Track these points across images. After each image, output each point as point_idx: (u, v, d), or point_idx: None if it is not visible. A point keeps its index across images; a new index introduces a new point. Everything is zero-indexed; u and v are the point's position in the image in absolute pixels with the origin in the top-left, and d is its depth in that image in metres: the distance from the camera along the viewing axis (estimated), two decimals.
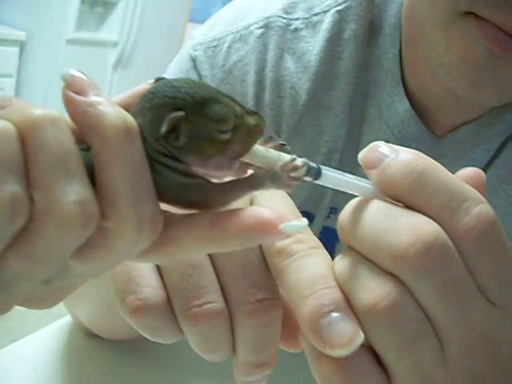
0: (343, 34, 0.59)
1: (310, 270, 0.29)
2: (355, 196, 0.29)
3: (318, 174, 0.27)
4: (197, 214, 0.26)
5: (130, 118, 0.24)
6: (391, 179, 0.28)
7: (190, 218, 0.25)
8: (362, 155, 0.29)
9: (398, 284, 0.26)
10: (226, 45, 0.61)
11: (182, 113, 0.24)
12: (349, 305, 0.27)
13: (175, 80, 0.26)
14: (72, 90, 0.24)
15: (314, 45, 0.59)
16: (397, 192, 0.28)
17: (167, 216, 0.26)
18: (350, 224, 0.28)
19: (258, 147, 0.27)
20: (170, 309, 0.30)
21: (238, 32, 0.61)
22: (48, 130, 0.22)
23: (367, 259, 0.28)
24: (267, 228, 0.24)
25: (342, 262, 0.29)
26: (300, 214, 0.33)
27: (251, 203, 0.33)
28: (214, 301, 0.30)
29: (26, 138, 0.22)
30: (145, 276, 0.31)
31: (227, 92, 0.26)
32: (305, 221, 0.26)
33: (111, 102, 0.24)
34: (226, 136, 0.25)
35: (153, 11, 2.98)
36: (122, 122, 0.23)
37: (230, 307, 0.31)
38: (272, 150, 0.28)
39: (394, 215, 0.27)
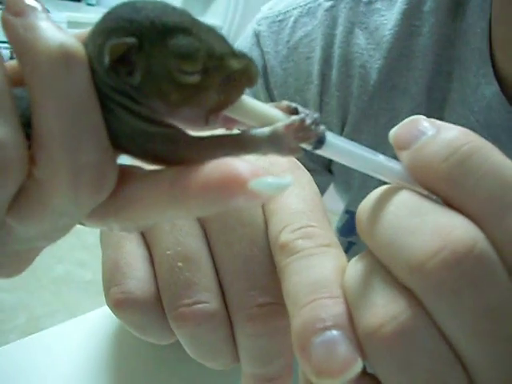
0: (423, 6, 0.52)
1: (314, 272, 0.23)
2: None
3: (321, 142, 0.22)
4: (159, 170, 0.21)
5: (72, 45, 0.19)
6: (426, 162, 0.21)
7: (151, 175, 0.21)
8: (393, 132, 0.23)
9: (412, 304, 0.20)
10: (292, 19, 0.56)
11: (132, 40, 0.19)
12: (352, 322, 0.22)
13: (142, 1, 0.20)
14: (12, 11, 0.20)
15: (388, 18, 0.52)
16: (432, 179, 0.21)
17: (129, 172, 0.21)
18: (369, 217, 0.22)
19: (250, 100, 0.22)
20: (158, 305, 0.26)
21: (305, 5, 0.56)
22: None
23: (382, 265, 0.22)
24: (234, 185, 0.18)
25: (354, 267, 0.23)
26: (324, 210, 0.27)
27: None
28: (206, 301, 0.26)
29: None
30: (132, 265, 0.27)
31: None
32: (287, 179, 0.19)
33: (55, 25, 0.20)
34: (193, 79, 0.20)
35: None
36: (60, 48, 0.19)
37: (229, 310, 0.26)
38: (270, 106, 0.22)
39: (421, 211, 0.21)
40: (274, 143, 0.21)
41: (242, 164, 0.19)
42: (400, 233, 0.21)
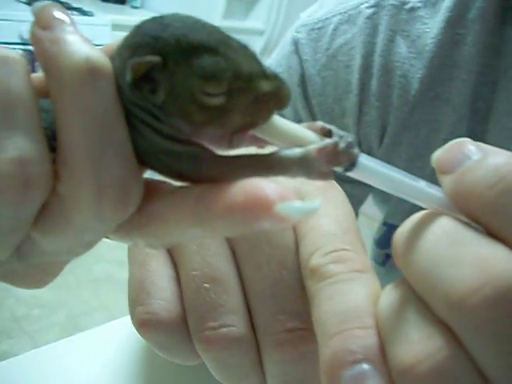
0: (468, 14, 0.50)
1: (346, 300, 0.22)
2: None
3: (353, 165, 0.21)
4: (185, 188, 0.20)
5: (99, 59, 0.19)
6: (470, 189, 0.20)
7: (176, 192, 0.20)
8: (436, 155, 0.22)
9: (450, 341, 0.19)
10: (331, 26, 0.54)
11: (155, 58, 0.19)
12: (384, 356, 0.20)
13: (171, 16, 0.20)
14: (40, 25, 0.20)
15: (431, 26, 0.51)
16: (476, 208, 0.20)
17: (156, 188, 0.21)
18: (405, 244, 0.21)
19: (281, 120, 0.21)
20: (184, 327, 0.26)
21: (346, 12, 0.54)
22: None
23: (418, 297, 0.20)
24: (259, 208, 0.18)
25: (388, 296, 0.22)
26: (357, 231, 0.26)
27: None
28: (232, 324, 0.25)
29: None
30: (158, 285, 0.26)
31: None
32: (316, 203, 0.18)
33: (82, 38, 0.19)
34: (217, 100, 0.19)
35: (300, 1, 2.93)
36: (85, 63, 0.19)
37: (256, 334, 0.26)
38: (302, 127, 0.21)
39: (462, 241, 0.20)
40: (305, 166, 0.20)
41: (269, 186, 0.18)
42: (438, 263, 0.19)
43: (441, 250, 0.20)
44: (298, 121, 0.57)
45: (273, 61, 0.60)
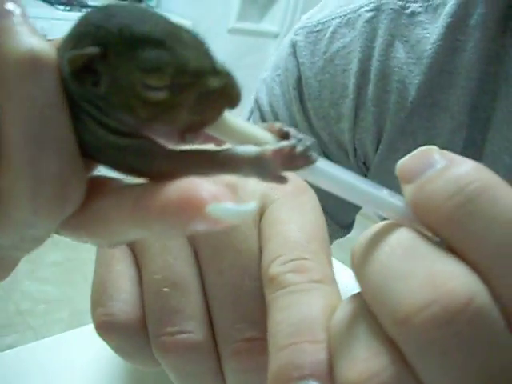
0: (469, 20, 0.49)
1: (299, 311, 0.22)
2: None
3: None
4: (126, 188, 0.20)
5: (42, 51, 0.18)
6: (429, 199, 0.19)
7: (117, 192, 0.20)
8: (400, 162, 0.21)
9: (396, 359, 0.18)
10: (330, 29, 0.54)
11: (94, 50, 0.18)
12: (331, 373, 0.19)
13: (119, 6, 0.19)
14: None
15: (431, 32, 0.50)
16: (434, 220, 0.19)
17: (101, 185, 0.20)
18: (362, 255, 0.20)
19: (234, 119, 0.20)
20: (143, 331, 0.25)
21: (345, 15, 0.53)
22: None
23: (370, 311, 0.19)
24: (192, 208, 0.17)
25: (342, 310, 0.21)
26: (324, 240, 0.25)
27: (261, 210, 0.26)
28: (190, 330, 0.24)
29: None
30: (120, 287, 0.26)
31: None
32: (250, 206, 0.18)
33: (31, 30, 0.19)
34: (159, 95, 0.18)
35: (316, 3, 2.92)
36: (28, 54, 0.18)
37: (216, 341, 0.25)
38: (258, 128, 0.20)
39: (417, 254, 0.19)
40: (258, 167, 0.19)
41: (204, 186, 0.17)
42: (390, 277, 0.18)
43: (393, 262, 0.19)
44: (294, 124, 0.56)
45: (272, 62, 0.60)
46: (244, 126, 0.20)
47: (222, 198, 0.17)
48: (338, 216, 0.60)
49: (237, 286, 0.25)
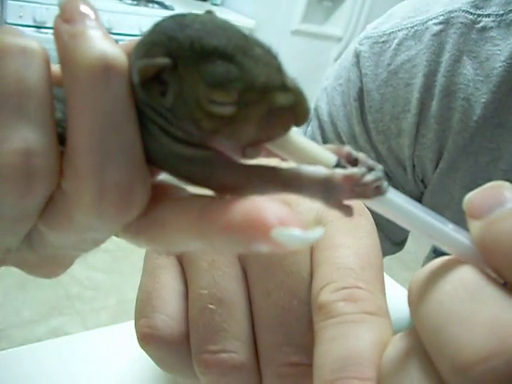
0: None
1: (348, 344, 0.21)
2: None
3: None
4: (191, 198, 0.20)
5: (114, 57, 0.18)
6: (497, 240, 0.18)
7: (182, 201, 0.20)
8: (468, 196, 0.20)
9: None
10: (396, 41, 0.52)
11: (165, 61, 0.18)
12: None
13: (193, 16, 0.19)
14: (62, 18, 0.19)
15: (503, 48, 0.47)
16: (502, 262, 0.18)
17: (165, 191, 0.20)
18: (420, 292, 0.19)
19: (300, 138, 0.19)
20: (186, 345, 0.25)
21: (412, 27, 0.52)
22: (9, 61, 0.18)
23: (425, 352, 0.18)
24: (256, 231, 0.17)
25: (395, 346, 0.20)
26: (379, 267, 0.24)
27: (317, 222, 0.25)
28: (233, 350, 0.24)
29: None
30: (164, 299, 0.25)
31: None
32: (316, 233, 0.17)
33: (104, 35, 0.19)
34: (225, 110, 0.18)
35: (380, 9, 2.87)
36: (100, 59, 0.18)
37: (260, 362, 0.24)
38: (323, 149, 0.19)
39: (481, 298, 0.17)
40: (325, 190, 0.18)
41: (270, 208, 0.17)
42: (449, 319, 0.17)
43: (455, 304, 0.18)
44: (352, 136, 0.55)
45: (334, 71, 0.59)
46: (308, 146, 0.19)
47: (288, 222, 0.16)
48: (392, 233, 0.58)
49: (285, 309, 0.24)
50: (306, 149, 0.19)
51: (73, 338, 0.53)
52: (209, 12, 0.20)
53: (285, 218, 0.17)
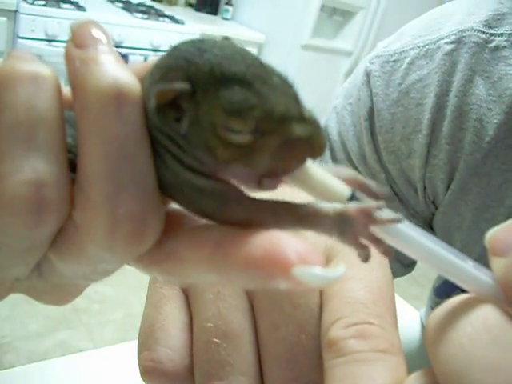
0: None
1: None
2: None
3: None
4: (206, 229, 0.19)
5: (127, 83, 0.18)
6: None
7: (197, 233, 0.19)
8: (490, 233, 0.19)
9: None
10: (407, 60, 0.51)
11: (184, 86, 0.17)
12: None
13: (212, 41, 0.18)
14: (74, 42, 0.18)
15: None
16: None
17: (179, 221, 0.20)
18: (438, 331, 0.18)
19: (316, 170, 0.19)
20: (189, 380, 0.24)
21: (424, 46, 0.51)
22: (19, 89, 0.18)
23: None
24: (276, 268, 0.16)
25: None
26: (391, 300, 0.24)
27: (327, 254, 0.24)
28: None
29: None
30: (167, 332, 0.25)
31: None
32: (338, 272, 0.17)
33: (116, 60, 0.18)
34: (242, 138, 0.17)
35: (391, 24, 2.89)
36: (112, 86, 0.17)
37: None
38: (338, 182, 0.19)
39: (506, 343, 0.16)
40: (340, 225, 0.18)
41: (290, 244, 0.16)
42: (473, 365, 0.16)
43: (477, 348, 0.17)
44: (362, 156, 0.54)
45: (344, 90, 0.58)
46: (323, 178, 0.19)
47: (309, 259, 0.16)
48: (402, 255, 0.57)
49: (293, 343, 0.23)
50: (321, 181, 0.19)
51: (80, 355, 0.53)
52: (226, 38, 0.20)
53: (305, 254, 0.16)
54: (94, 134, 0.17)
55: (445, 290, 0.60)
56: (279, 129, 0.18)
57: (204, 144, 0.18)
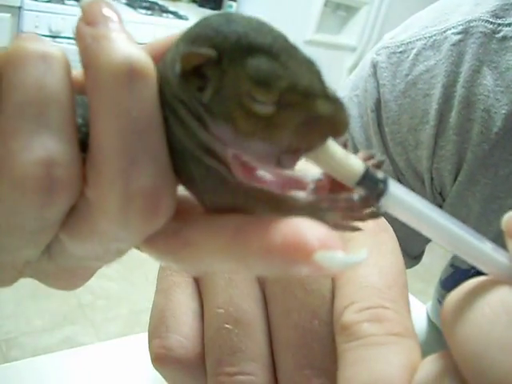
0: None
1: (375, 368, 0.20)
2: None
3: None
4: (224, 217, 0.19)
5: (139, 60, 0.18)
6: None
7: (215, 220, 0.19)
8: (508, 216, 0.19)
9: None
10: (414, 51, 0.51)
11: (210, 51, 0.17)
12: None
13: (240, 15, 0.18)
14: (85, 20, 0.18)
15: None
16: None
17: (193, 209, 0.20)
18: (456, 313, 0.18)
19: (333, 147, 0.19)
20: (201, 366, 0.24)
21: (431, 37, 0.51)
22: (29, 68, 0.18)
23: (462, 379, 0.17)
24: (298, 254, 0.16)
25: (426, 370, 0.19)
26: (404, 285, 0.23)
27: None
28: (251, 373, 0.23)
29: (3, 75, 0.18)
30: (178, 319, 0.24)
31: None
32: (360, 256, 0.17)
33: (127, 37, 0.18)
34: (266, 109, 0.17)
35: (395, 18, 2.88)
36: (124, 62, 0.17)
37: None
38: (354, 157, 0.19)
39: None
40: (315, 216, 0.18)
41: (311, 230, 0.16)
42: (491, 345, 0.16)
43: (496, 328, 0.17)
44: (369, 147, 0.54)
45: (350, 81, 0.58)
46: (340, 155, 0.19)
47: (331, 245, 0.16)
48: (409, 246, 0.57)
49: (305, 329, 0.23)
50: (337, 158, 0.19)
51: (85, 349, 0.53)
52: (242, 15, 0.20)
53: (326, 240, 0.16)
54: (106, 110, 0.17)
55: (452, 281, 0.60)
56: (303, 103, 0.17)
57: (226, 114, 0.18)
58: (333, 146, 0.19)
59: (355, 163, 0.19)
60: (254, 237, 0.17)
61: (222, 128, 0.18)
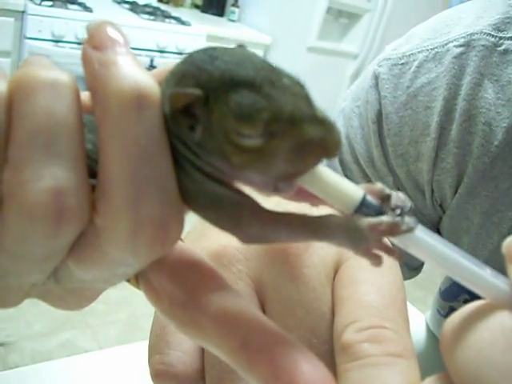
0: None
1: None
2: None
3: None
4: (237, 313, 0.19)
5: (147, 86, 0.18)
6: None
7: (226, 320, 0.19)
8: (508, 241, 0.19)
9: None
10: (415, 63, 0.51)
11: (197, 92, 0.17)
12: None
13: (224, 49, 0.19)
14: (92, 44, 0.18)
15: None
16: None
17: (208, 279, 0.20)
18: (455, 336, 0.18)
19: (326, 172, 0.19)
20: (200, 382, 0.24)
21: (432, 49, 0.51)
22: (38, 96, 0.18)
23: None
24: None
25: None
26: (403, 303, 0.24)
27: (336, 265, 0.24)
28: None
29: (13, 104, 0.18)
30: (178, 335, 0.25)
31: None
32: None
33: (134, 61, 0.18)
34: (253, 142, 0.17)
35: (397, 26, 2.89)
36: (133, 88, 0.17)
37: None
38: (351, 184, 0.19)
39: None
40: (353, 239, 0.18)
41: (306, 374, 0.17)
42: (491, 370, 0.16)
43: (495, 353, 0.17)
44: (370, 159, 0.54)
45: (352, 92, 0.58)
46: (336, 181, 0.19)
47: None
48: (409, 258, 0.57)
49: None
50: (333, 184, 0.19)
51: (84, 356, 0.53)
52: (240, 46, 0.20)
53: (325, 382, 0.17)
54: (115, 138, 0.17)
55: (451, 292, 0.60)
56: (290, 130, 0.18)
57: (218, 150, 0.18)
58: (327, 171, 0.19)
59: (351, 189, 0.19)
60: (261, 361, 0.18)
61: (217, 162, 0.18)
